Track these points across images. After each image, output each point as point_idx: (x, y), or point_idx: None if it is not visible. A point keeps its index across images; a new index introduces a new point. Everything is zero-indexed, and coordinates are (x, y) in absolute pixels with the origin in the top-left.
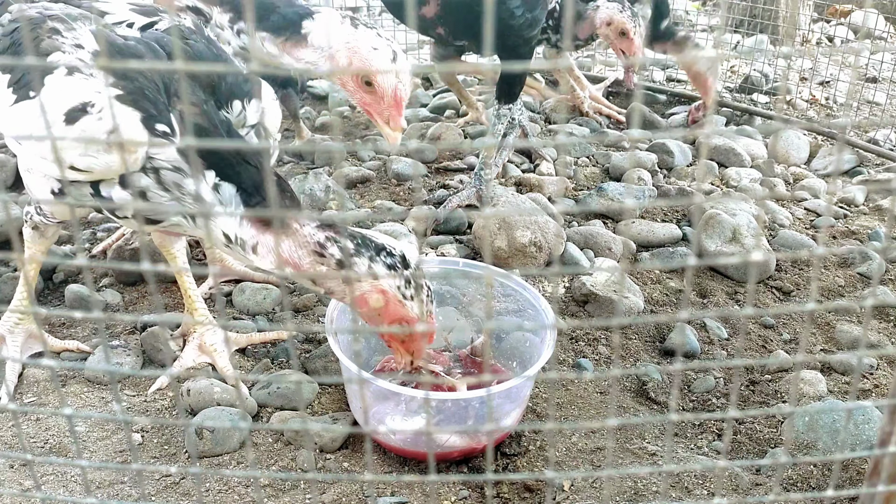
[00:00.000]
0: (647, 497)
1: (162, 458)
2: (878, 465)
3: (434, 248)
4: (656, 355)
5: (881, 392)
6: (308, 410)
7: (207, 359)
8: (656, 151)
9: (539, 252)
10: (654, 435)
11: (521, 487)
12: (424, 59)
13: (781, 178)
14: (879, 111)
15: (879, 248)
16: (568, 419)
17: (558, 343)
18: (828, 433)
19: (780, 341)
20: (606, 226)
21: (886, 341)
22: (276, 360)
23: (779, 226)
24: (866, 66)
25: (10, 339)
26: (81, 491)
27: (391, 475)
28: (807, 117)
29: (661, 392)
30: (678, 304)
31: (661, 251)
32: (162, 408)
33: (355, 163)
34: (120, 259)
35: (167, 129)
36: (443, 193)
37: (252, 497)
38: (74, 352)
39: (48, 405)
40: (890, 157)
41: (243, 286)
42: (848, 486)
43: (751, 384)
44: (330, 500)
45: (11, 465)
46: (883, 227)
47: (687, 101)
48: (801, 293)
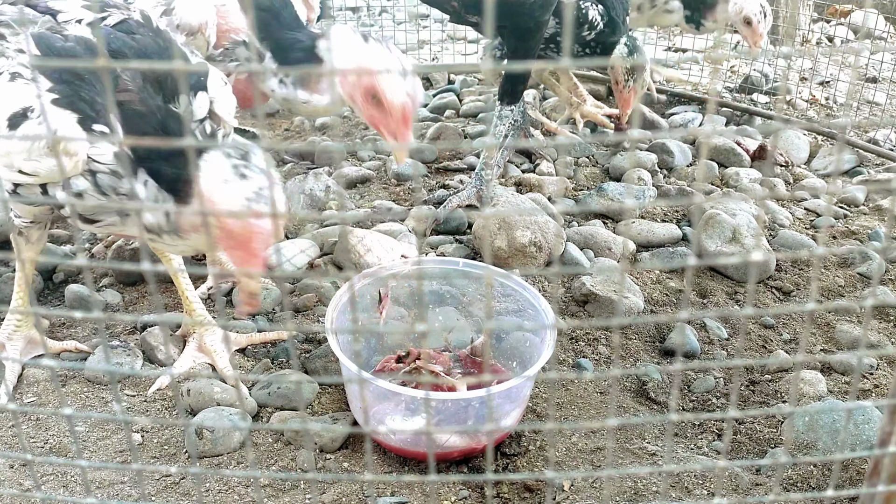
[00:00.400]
0: (647, 497)
1: (162, 458)
2: (878, 465)
3: (434, 248)
4: (656, 355)
5: (881, 392)
6: (308, 410)
7: (207, 359)
8: (656, 151)
9: (539, 252)
10: (654, 435)
11: (521, 487)
12: (424, 60)
13: (781, 178)
14: (879, 111)
15: (879, 248)
16: (568, 419)
17: (558, 343)
18: (828, 433)
19: (780, 341)
20: (606, 226)
21: (886, 341)
22: (276, 360)
23: (779, 226)
24: (866, 66)
25: (9, 345)
26: (81, 491)
27: (391, 475)
28: (807, 117)
29: (661, 392)
30: (678, 304)
31: (661, 251)
32: (162, 408)
33: (355, 163)
34: (120, 259)
35: (105, 130)
36: (443, 193)
37: (252, 497)
38: (73, 352)
39: (48, 405)
40: (890, 157)
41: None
42: (848, 486)
43: (751, 384)
44: (330, 500)
45: (11, 465)
46: (883, 227)
47: (687, 101)
48: (801, 293)
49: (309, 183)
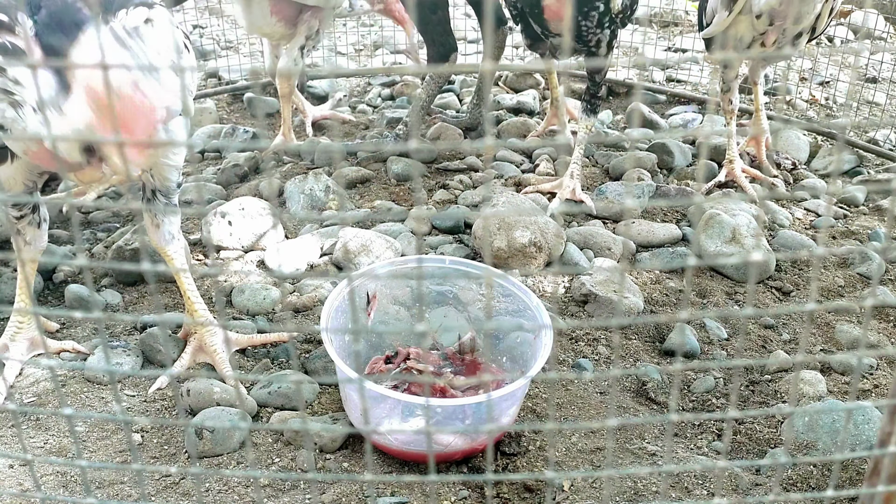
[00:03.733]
0: (647, 497)
1: (162, 458)
2: (878, 466)
3: (434, 248)
4: (656, 355)
5: (881, 392)
6: (308, 410)
7: (207, 359)
8: (656, 151)
9: (539, 252)
10: (654, 435)
11: (520, 487)
12: (424, 60)
13: (781, 178)
14: (879, 111)
15: (879, 249)
16: (568, 419)
17: (558, 343)
18: (828, 433)
19: (780, 341)
20: (606, 226)
21: (886, 341)
22: (276, 360)
23: (778, 226)
24: (866, 67)
25: (12, 346)
26: (81, 491)
27: (391, 475)
28: (807, 117)
29: (661, 392)
30: (678, 304)
31: (660, 251)
32: (162, 408)
33: (355, 163)
34: (120, 259)
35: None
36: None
37: (252, 497)
38: (70, 352)
39: (48, 405)
40: (890, 157)
41: (243, 286)
42: (848, 486)
43: (751, 384)
44: (330, 500)
45: (11, 465)
46: (883, 228)
47: (686, 101)
48: (800, 293)
49: (309, 183)
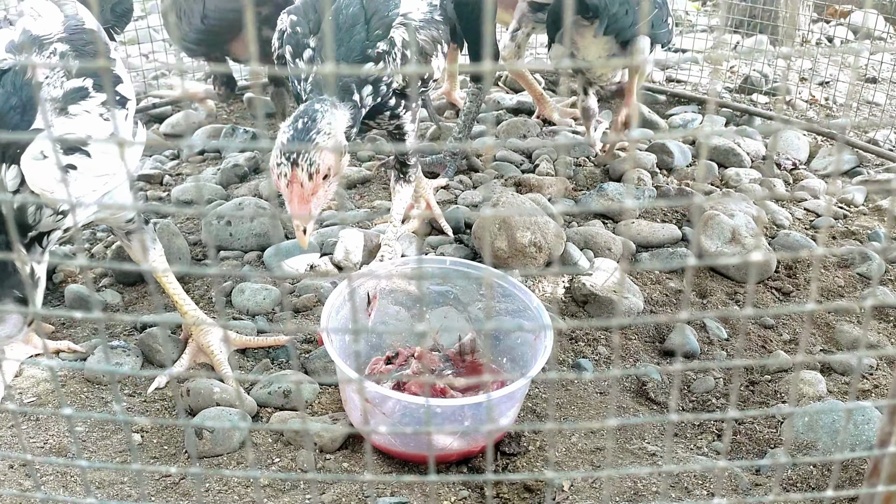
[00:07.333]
0: (646, 497)
1: (162, 458)
2: (877, 466)
3: (434, 248)
4: (656, 355)
5: (881, 392)
6: (308, 410)
7: (206, 359)
8: (656, 152)
9: (539, 252)
10: (654, 435)
11: (520, 487)
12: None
13: (781, 178)
14: (879, 111)
15: (879, 249)
16: (568, 419)
17: (558, 343)
18: (827, 433)
19: (780, 342)
20: (606, 226)
21: (886, 341)
22: (276, 360)
23: (778, 226)
24: (866, 67)
25: (11, 346)
26: (81, 491)
27: (391, 475)
28: (806, 118)
29: (661, 392)
30: (678, 304)
31: (660, 251)
32: (162, 408)
33: (355, 163)
34: (120, 259)
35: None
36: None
37: (252, 497)
38: (66, 352)
39: (48, 405)
40: (890, 158)
41: (243, 286)
42: (848, 486)
43: (750, 384)
44: (330, 500)
45: (11, 465)
46: (883, 228)
47: (686, 101)
48: (800, 293)
49: None
